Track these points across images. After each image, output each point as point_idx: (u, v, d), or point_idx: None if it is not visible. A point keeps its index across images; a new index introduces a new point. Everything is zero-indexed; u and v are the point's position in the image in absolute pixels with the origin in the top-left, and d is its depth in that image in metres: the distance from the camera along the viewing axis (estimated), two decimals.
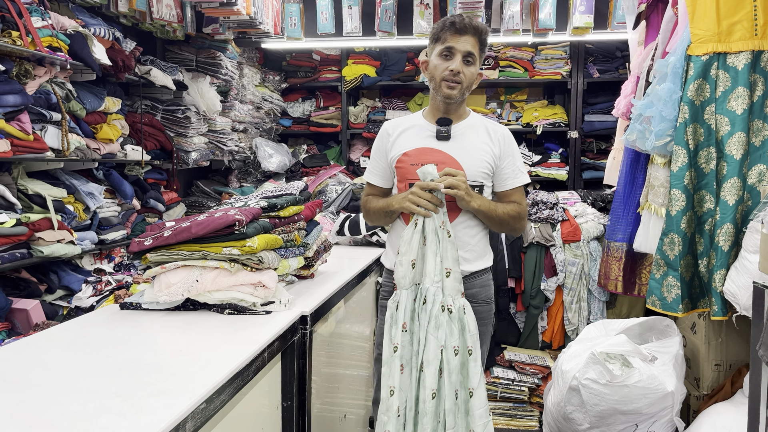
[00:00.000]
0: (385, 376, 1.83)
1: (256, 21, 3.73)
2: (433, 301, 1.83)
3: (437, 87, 1.99)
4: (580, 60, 4.72)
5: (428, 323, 1.82)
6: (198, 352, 1.56)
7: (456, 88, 1.97)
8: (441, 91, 1.98)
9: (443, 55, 1.96)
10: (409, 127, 2.10)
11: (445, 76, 1.95)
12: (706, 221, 2.46)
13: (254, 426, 1.72)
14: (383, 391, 1.84)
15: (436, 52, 1.98)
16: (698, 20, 2.47)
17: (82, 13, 3.01)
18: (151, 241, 1.93)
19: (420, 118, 2.11)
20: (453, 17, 1.97)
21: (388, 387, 1.82)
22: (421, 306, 1.86)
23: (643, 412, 2.62)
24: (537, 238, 3.50)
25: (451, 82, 1.96)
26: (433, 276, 1.86)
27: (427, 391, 1.79)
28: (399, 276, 1.89)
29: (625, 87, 3.29)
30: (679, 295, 2.47)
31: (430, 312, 1.83)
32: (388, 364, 1.84)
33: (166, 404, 1.20)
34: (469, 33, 1.94)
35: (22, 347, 1.60)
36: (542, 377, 3.44)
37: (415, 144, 2.04)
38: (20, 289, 2.59)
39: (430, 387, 1.79)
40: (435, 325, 1.82)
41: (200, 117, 3.90)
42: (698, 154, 2.47)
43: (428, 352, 1.80)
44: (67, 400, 1.22)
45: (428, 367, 1.80)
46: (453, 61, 1.95)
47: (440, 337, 1.81)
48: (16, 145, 2.44)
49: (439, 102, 2.04)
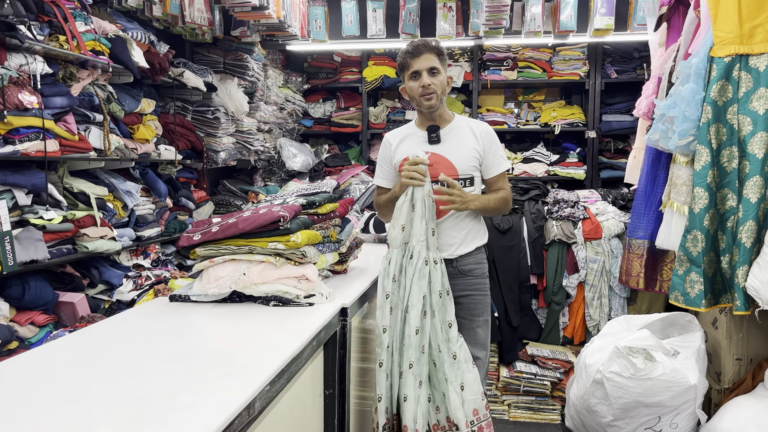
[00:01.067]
0: (379, 317, 2.19)
1: (285, 24, 3.83)
2: (418, 256, 2.20)
3: (419, 103, 2.36)
4: (597, 61, 4.78)
5: (413, 274, 2.19)
6: (253, 340, 1.66)
7: (432, 98, 2.32)
8: (422, 105, 2.34)
9: (412, 76, 2.33)
10: (405, 136, 2.47)
11: (420, 92, 2.32)
12: (728, 218, 2.53)
13: (302, 412, 1.81)
14: (377, 329, 2.20)
15: (407, 78, 2.36)
16: (721, 23, 2.53)
17: (120, 18, 3.12)
18: (200, 236, 2.03)
19: (414, 128, 2.48)
20: (409, 45, 2.34)
21: (381, 326, 2.18)
22: (408, 260, 2.22)
23: (666, 404, 2.69)
24: (559, 235, 3.57)
25: (426, 95, 2.32)
26: (419, 236, 2.22)
27: (411, 328, 2.16)
28: (391, 237, 2.25)
29: (646, 87, 3.36)
30: (702, 291, 2.53)
31: (415, 265, 2.19)
32: (381, 308, 2.20)
33: (236, 385, 1.29)
34: (424, 52, 2.30)
35: (86, 337, 1.70)
36: (564, 372, 3.51)
37: (412, 149, 2.36)
38: (65, 283, 2.69)
39: (414, 325, 2.16)
40: (419, 276, 2.19)
41: (229, 118, 4.00)
42: (721, 153, 2.53)
43: (412, 297, 2.18)
44: (143, 382, 1.32)
45: (412, 309, 2.17)
46: (421, 78, 2.31)
47: (423, 286, 2.19)
48: (63, 145, 2.54)
49: (425, 114, 2.40)
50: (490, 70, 4.92)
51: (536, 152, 4.95)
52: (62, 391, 1.27)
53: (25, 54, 2.38)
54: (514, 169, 4.92)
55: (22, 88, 2.29)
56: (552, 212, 3.72)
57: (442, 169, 2.33)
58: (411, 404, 2.17)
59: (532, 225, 3.65)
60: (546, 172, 4.90)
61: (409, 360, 2.17)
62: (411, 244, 2.24)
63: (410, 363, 2.17)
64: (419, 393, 2.19)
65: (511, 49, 4.89)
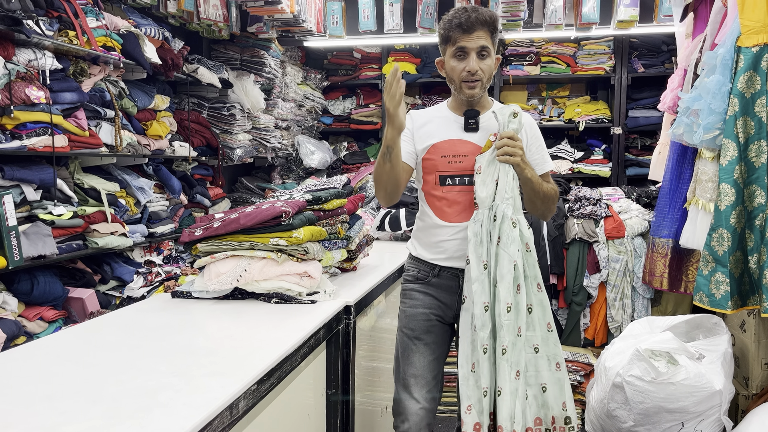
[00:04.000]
0: (477, 293, 1.84)
1: (299, 19, 3.80)
2: (503, 218, 1.84)
3: (457, 88, 1.97)
4: (624, 54, 4.64)
5: (499, 240, 1.83)
6: (248, 337, 1.61)
7: (476, 87, 1.93)
8: (462, 92, 1.96)
9: (457, 54, 1.92)
10: (433, 118, 2.06)
11: (464, 77, 1.92)
12: (756, 216, 2.41)
13: (301, 412, 1.76)
14: (475, 309, 1.84)
15: (449, 54, 1.94)
16: (748, 11, 2.42)
17: (134, 14, 3.12)
18: (201, 232, 1.99)
19: (445, 110, 2.07)
20: (458, 15, 1.91)
21: (483, 303, 1.84)
22: (492, 224, 1.86)
23: (690, 410, 2.57)
24: (580, 234, 3.47)
25: (470, 83, 1.92)
26: (504, 193, 1.86)
27: (502, 305, 1.80)
28: (482, 197, 1.88)
29: (672, 80, 3.23)
30: (728, 292, 2.42)
31: (500, 228, 1.84)
32: (479, 281, 1.84)
33: (221, 384, 1.25)
34: (477, 29, 1.89)
35: (83, 331, 1.69)
36: (584, 374, 3.40)
37: (444, 136, 2.01)
38: (76, 279, 2.70)
39: (505, 300, 1.80)
40: (507, 241, 1.83)
41: (245, 114, 3.99)
42: (748, 148, 2.41)
43: (501, 266, 1.82)
44: (127, 378, 1.29)
45: (502, 282, 1.81)
46: (468, 60, 1.90)
47: (512, 253, 1.82)
48: (73, 140, 2.54)
49: (462, 98, 2.00)
50: (513, 65, 4.82)
51: (560, 149, 4.83)
52: (44, 387, 1.25)
53: (34, 49, 2.38)
54: None
55: (30, 83, 2.30)
56: (573, 210, 3.62)
57: (473, 161, 1.97)
58: (507, 399, 1.79)
59: (552, 223, 3.55)
60: (570, 169, 4.78)
61: (503, 344, 1.81)
62: (495, 203, 1.87)
63: (504, 348, 1.80)
64: (516, 385, 1.81)
65: (534, 44, 4.78)
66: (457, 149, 1.99)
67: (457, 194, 1.98)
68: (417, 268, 2.10)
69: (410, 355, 2.03)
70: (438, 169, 2.00)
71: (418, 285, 2.08)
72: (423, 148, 2.03)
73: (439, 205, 2.01)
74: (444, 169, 1.99)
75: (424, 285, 2.07)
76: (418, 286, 2.08)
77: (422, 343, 2.03)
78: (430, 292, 2.06)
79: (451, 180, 1.99)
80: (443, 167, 1.99)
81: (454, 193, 1.99)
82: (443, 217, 2.01)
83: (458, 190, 1.98)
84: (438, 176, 2.00)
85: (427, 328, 2.04)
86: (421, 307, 2.05)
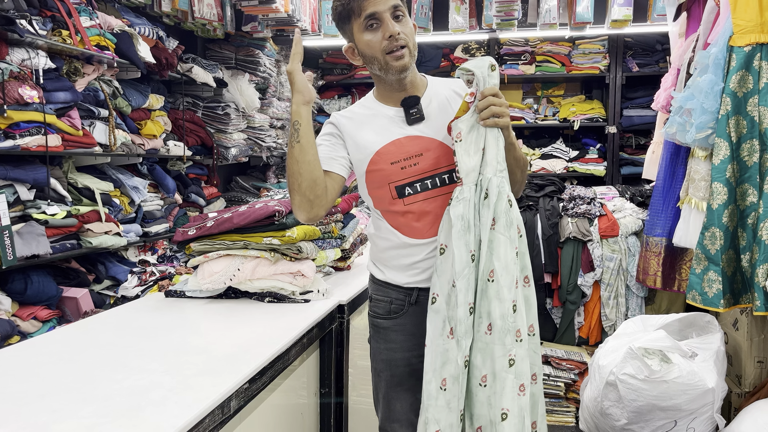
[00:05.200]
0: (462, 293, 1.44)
1: (293, 18, 3.80)
2: (498, 194, 1.46)
3: (383, 65, 1.55)
4: (618, 54, 4.65)
5: (495, 221, 1.46)
6: (240, 336, 1.62)
7: (404, 55, 1.53)
8: (391, 66, 1.54)
9: (368, 25, 1.53)
10: (364, 118, 1.64)
11: (385, 47, 1.52)
12: (748, 215, 2.41)
13: (294, 411, 1.77)
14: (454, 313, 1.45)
15: (359, 29, 1.55)
16: (740, 11, 2.42)
17: (128, 13, 3.12)
18: (195, 231, 1.99)
19: (374, 104, 1.66)
20: None
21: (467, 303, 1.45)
22: (482, 201, 1.48)
23: (683, 408, 2.58)
24: (574, 233, 3.47)
25: (396, 51, 1.52)
26: (495, 164, 1.49)
27: (507, 304, 1.43)
28: (467, 168, 1.48)
29: (665, 80, 3.24)
30: (721, 291, 2.43)
31: (494, 207, 1.46)
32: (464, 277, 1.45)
33: (212, 383, 1.25)
34: None
35: (76, 330, 1.69)
36: (579, 373, 3.41)
37: (385, 137, 1.60)
38: (70, 278, 2.70)
39: (509, 298, 1.44)
40: (506, 223, 1.46)
41: (239, 113, 3.99)
42: (741, 147, 2.42)
43: (501, 256, 1.44)
44: (120, 377, 1.29)
45: (504, 275, 1.44)
46: (384, 25, 1.52)
47: (513, 237, 1.46)
48: (66, 140, 2.54)
49: (392, 82, 1.59)
50: (508, 64, 4.82)
51: (555, 148, 4.85)
52: (36, 386, 1.25)
53: (27, 49, 2.38)
54: (531, 165, 4.82)
55: (23, 82, 2.29)
56: (567, 209, 3.62)
57: (436, 157, 1.58)
58: (513, 422, 1.42)
59: (546, 222, 3.56)
60: (565, 168, 4.79)
61: (509, 353, 1.43)
62: (485, 177, 1.48)
63: (511, 358, 1.43)
64: (522, 403, 1.44)
65: (528, 43, 4.79)
66: (407, 150, 1.59)
67: (423, 203, 1.59)
68: (388, 297, 1.67)
69: (391, 402, 1.69)
70: (391, 179, 1.59)
71: (393, 322, 1.67)
72: (363, 159, 1.61)
73: (404, 221, 1.61)
74: (398, 177, 1.58)
75: (401, 319, 1.65)
76: (393, 323, 1.66)
77: (403, 388, 1.67)
78: (408, 329, 1.65)
79: (411, 188, 1.58)
80: (397, 176, 1.58)
81: (419, 203, 1.59)
82: (413, 234, 1.61)
83: (423, 198, 1.58)
84: (393, 188, 1.59)
85: (409, 372, 1.65)
86: (401, 351, 1.66)
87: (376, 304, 1.71)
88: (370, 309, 1.74)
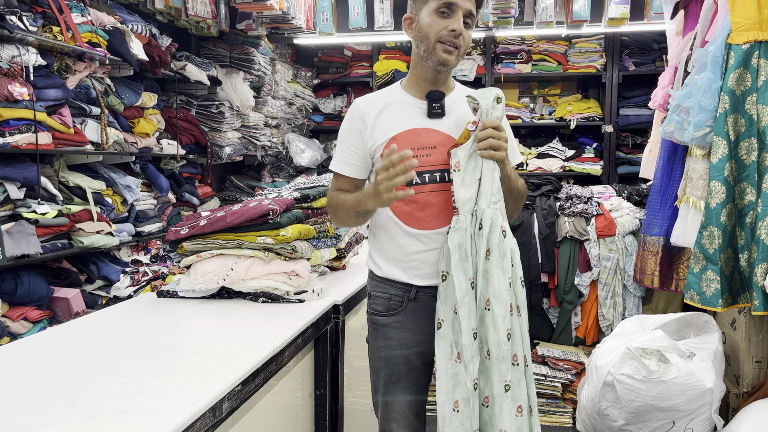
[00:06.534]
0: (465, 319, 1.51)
1: (288, 16, 3.77)
2: (491, 226, 1.52)
3: (430, 50, 1.59)
4: (615, 53, 4.64)
5: (489, 253, 1.52)
6: (233, 337, 1.59)
7: (454, 53, 1.59)
8: (436, 54, 1.58)
9: (440, 12, 1.57)
10: (388, 103, 1.67)
11: (443, 36, 1.56)
12: (747, 214, 2.40)
13: (288, 412, 1.74)
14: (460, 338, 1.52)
15: (429, 9, 1.58)
16: (739, 8, 2.40)
17: (120, 10, 3.08)
18: (187, 230, 1.96)
19: (400, 93, 1.69)
20: None
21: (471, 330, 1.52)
22: (477, 232, 1.54)
23: (681, 408, 2.57)
24: (571, 232, 3.45)
25: (449, 45, 1.57)
26: (490, 195, 1.54)
27: (501, 333, 1.50)
28: (463, 199, 1.54)
29: (663, 78, 3.22)
30: (719, 290, 2.41)
31: (488, 238, 1.52)
32: (466, 305, 1.52)
33: (204, 385, 1.22)
34: None
35: (65, 331, 1.65)
36: (576, 373, 3.39)
37: (403, 125, 1.63)
38: (61, 278, 2.66)
39: (504, 327, 1.50)
40: (499, 255, 1.52)
41: (234, 112, 3.95)
42: (739, 145, 2.40)
43: (494, 286, 1.51)
44: (109, 379, 1.26)
45: (497, 304, 1.50)
46: (453, 19, 1.56)
47: (506, 268, 1.52)
48: (57, 138, 2.51)
49: (427, 70, 1.64)
50: (504, 63, 4.80)
51: (551, 147, 4.83)
52: (23, 388, 1.22)
53: (17, 45, 2.34)
54: (528, 164, 4.80)
55: (13, 79, 2.26)
56: (564, 208, 3.60)
57: (443, 152, 1.62)
58: None
59: (543, 221, 3.54)
60: (561, 167, 4.77)
61: (504, 379, 1.51)
62: (480, 208, 1.55)
63: (506, 384, 1.51)
64: (520, 423, 1.53)
65: (525, 42, 4.77)
66: (422, 140, 1.62)
67: (429, 195, 1.62)
68: (386, 294, 1.70)
69: (390, 401, 1.71)
70: None
71: (391, 319, 1.69)
72: (380, 143, 1.63)
73: (408, 210, 1.63)
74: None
75: (400, 317, 1.68)
76: (392, 320, 1.69)
77: (402, 386, 1.69)
78: (407, 325, 1.68)
79: (419, 178, 1.61)
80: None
81: (425, 193, 1.62)
82: (414, 224, 1.63)
83: (429, 189, 1.62)
84: None
85: (407, 370, 1.69)
86: (399, 348, 1.68)
87: (374, 300, 1.73)
88: (368, 306, 1.76)
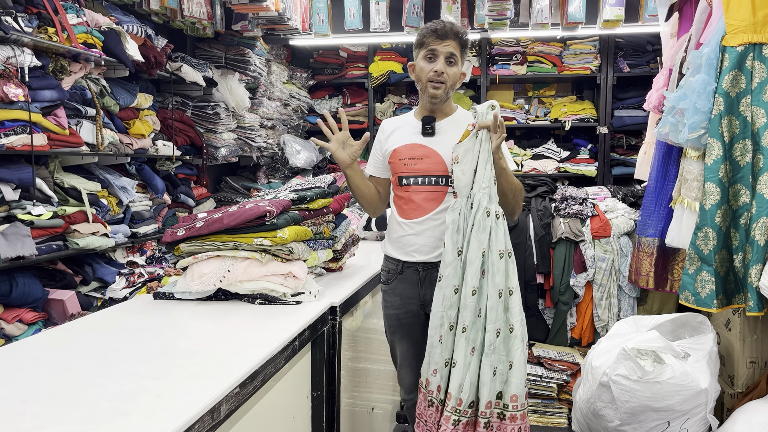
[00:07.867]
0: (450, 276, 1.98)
1: (284, 17, 3.76)
2: (478, 207, 1.95)
3: (423, 87, 2.11)
4: (609, 54, 4.66)
5: (472, 227, 1.95)
6: (231, 339, 1.58)
7: (440, 88, 2.08)
8: (427, 91, 2.10)
9: (427, 57, 2.09)
10: (401, 125, 2.24)
11: (431, 77, 2.07)
12: (741, 215, 2.41)
13: (285, 414, 1.74)
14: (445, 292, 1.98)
15: (420, 56, 2.11)
16: (733, 10, 2.42)
17: (115, 11, 3.07)
18: (184, 232, 1.96)
19: (411, 117, 2.25)
20: (435, 24, 2.10)
21: (453, 286, 1.97)
22: (469, 211, 1.98)
23: (676, 409, 2.58)
24: (566, 233, 3.46)
25: (435, 83, 2.08)
26: (482, 183, 1.97)
27: (468, 288, 1.93)
28: (462, 184, 1.99)
29: (657, 80, 3.24)
30: (714, 291, 2.42)
31: (474, 216, 1.95)
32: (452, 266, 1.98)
33: (202, 387, 1.22)
34: (449, 38, 2.07)
35: (61, 333, 1.65)
36: (571, 374, 3.40)
37: (404, 140, 2.18)
38: (56, 280, 2.65)
39: (471, 284, 1.93)
40: (479, 229, 1.94)
41: (229, 113, 3.95)
42: (733, 147, 2.42)
43: (470, 252, 1.94)
44: (106, 381, 1.25)
45: (470, 266, 1.93)
46: (436, 62, 2.07)
47: (482, 240, 1.94)
48: (52, 139, 2.49)
49: (425, 102, 2.16)
50: (499, 64, 4.81)
51: (546, 149, 4.84)
52: (19, 391, 1.21)
53: (12, 46, 2.33)
54: (523, 165, 4.81)
55: (8, 80, 2.25)
56: (559, 209, 3.61)
57: (431, 163, 2.12)
58: (459, 371, 1.93)
59: (538, 222, 3.55)
60: (556, 168, 4.79)
61: (463, 323, 1.94)
62: (473, 192, 1.98)
63: (464, 327, 1.94)
64: (470, 360, 1.94)
65: (520, 43, 4.78)
66: (413, 152, 2.16)
67: (413, 193, 2.15)
68: (387, 267, 2.28)
69: (394, 348, 2.32)
70: (397, 171, 2.19)
71: (387, 286, 2.26)
72: (387, 151, 2.23)
73: (400, 204, 2.20)
74: (401, 170, 2.17)
75: (392, 284, 2.24)
76: (387, 287, 2.26)
77: (398, 336, 2.26)
78: (396, 291, 2.23)
79: (406, 180, 2.15)
80: (401, 169, 2.17)
81: (410, 192, 2.15)
82: (402, 214, 2.19)
83: (413, 189, 2.15)
84: (397, 177, 2.19)
85: (400, 325, 2.24)
86: (392, 309, 2.25)
87: (382, 272, 2.32)
88: (381, 278, 2.32)
